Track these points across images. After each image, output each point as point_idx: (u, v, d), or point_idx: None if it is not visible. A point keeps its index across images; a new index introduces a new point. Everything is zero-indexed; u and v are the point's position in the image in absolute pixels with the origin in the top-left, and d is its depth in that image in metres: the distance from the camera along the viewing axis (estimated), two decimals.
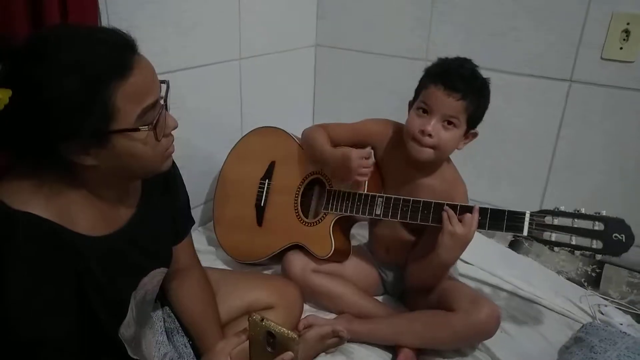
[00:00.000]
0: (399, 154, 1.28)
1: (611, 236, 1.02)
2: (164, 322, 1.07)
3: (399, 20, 1.83)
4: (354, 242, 1.49)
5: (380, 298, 1.42)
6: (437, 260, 1.17)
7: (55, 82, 0.69)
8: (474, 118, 1.19)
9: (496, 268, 1.52)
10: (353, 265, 1.39)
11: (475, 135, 1.23)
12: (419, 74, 1.85)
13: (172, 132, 0.84)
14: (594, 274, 1.55)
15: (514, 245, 1.69)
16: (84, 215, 0.79)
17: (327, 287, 1.33)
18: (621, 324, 1.29)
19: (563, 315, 1.36)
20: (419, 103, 1.19)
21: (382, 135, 1.34)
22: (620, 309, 1.38)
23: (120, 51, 0.74)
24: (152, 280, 0.95)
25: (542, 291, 1.43)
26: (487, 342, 1.23)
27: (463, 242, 1.13)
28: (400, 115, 1.30)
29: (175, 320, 1.08)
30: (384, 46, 1.89)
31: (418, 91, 1.23)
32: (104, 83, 0.71)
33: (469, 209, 1.13)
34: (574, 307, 1.39)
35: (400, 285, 1.41)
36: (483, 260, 1.55)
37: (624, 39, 1.44)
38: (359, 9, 1.91)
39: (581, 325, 1.29)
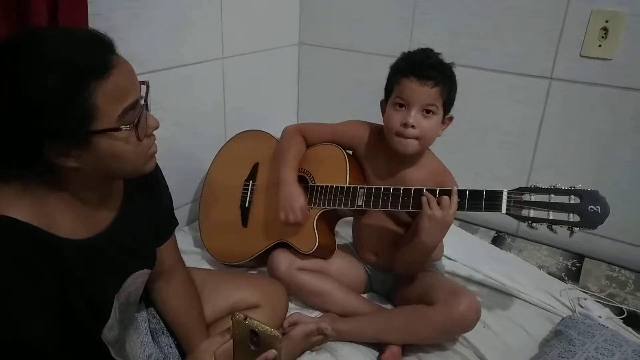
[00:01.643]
0: (381, 152, 1.31)
1: (587, 208, 1.04)
2: (149, 323, 1.07)
3: (382, 19, 1.83)
4: (339, 240, 1.50)
5: (366, 295, 1.43)
6: (419, 245, 1.18)
7: (35, 80, 0.69)
8: (448, 102, 1.23)
9: (479, 264, 1.54)
10: (338, 263, 1.40)
11: (451, 119, 1.26)
12: None
13: (155, 133, 0.84)
14: (573, 268, 1.58)
15: (496, 241, 1.71)
16: (66, 218, 0.79)
17: (312, 284, 1.34)
18: (600, 317, 1.32)
19: (544, 309, 1.38)
20: (395, 99, 1.22)
21: (361, 137, 1.36)
22: (599, 302, 1.41)
23: (99, 51, 0.73)
24: (136, 281, 0.95)
25: (523, 286, 1.45)
26: (469, 337, 1.25)
27: (443, 225, 1.14)
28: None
29: (160, 321, 1.08)
30: (367, 45, 1.89)
31: (389, 89, 1.26)
32: (84, 82, 0.70)
33: (448, 192, 1.14)
34: (554, 301, 1.41)
35: (387, 283, 1.42)
36: (466, 257, 1.57)
37: (603, 37, 1.46)
38: (342, 7, 1.91)
39: (561, 318, 1.32)
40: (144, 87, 0.81)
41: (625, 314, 1.36)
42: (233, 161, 1.57)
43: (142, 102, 0.79)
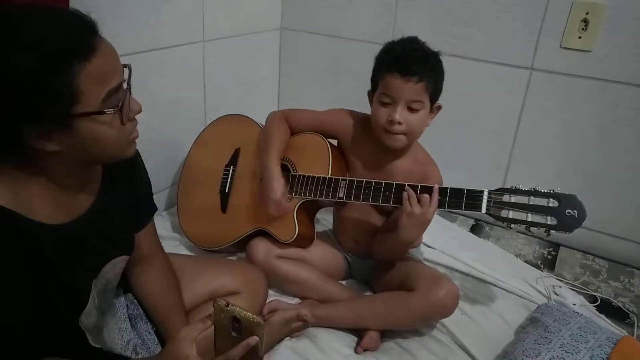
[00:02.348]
0: (368, 142, 1.29)
1: (564, 212, 1.05)
2: (127, 309, 1.06)
3: (365, 5, 1.82)
4: (319, 227, 1.49)
5: (345, 282, 1.43)
6: (398, 239, 1.19)
7: (15, 61, 0.67)
8: (435, 93, 1.20)
9: (458, 252, 1.56)
10: (317, 250, 1.40)
11: (439, 108, 1.24)
12: None
13: (136, 117, 0.82)
14: (549, 257, 1.61)
15: (475, 230, 1.73)
16: (42, 203, 0.77)
17: (291, 272, 1.33)
18: (574, 305, 1.35)
19: (520, 296, 1.41)
20: (380, 95, 1.20)
21: (346, 126, 1.34)
22: (573, 289, 1.44)
23: (82, 32, 0.71)
24: (114, 268, 0.93)
25: (500, 274, 1.48)
26: (447, 323, 1.26)
27: (422, 222, 1.15)
28: (365, 99, 1.30)
29: (139, 307, 1.07)
30: (350, 30, 1.88)
31: (375, 81, 1.24)
32: (67, 64, 0.69)
33: (429, 189, 1.15)
34: (530, 289, 1.44)
35: (366, 269, 1.42)
36: (445, 244, 1.58)
37: (583, 29, 1.48)
38: None
39: (537, 305, 1.35)
40: (126, 70, 0.79)
41: (599, 302, 1.40)
42: (213, 145, 1.55)
43: (125, 85, 0.78)
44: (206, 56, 1.71)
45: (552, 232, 1.06)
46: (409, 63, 1.15)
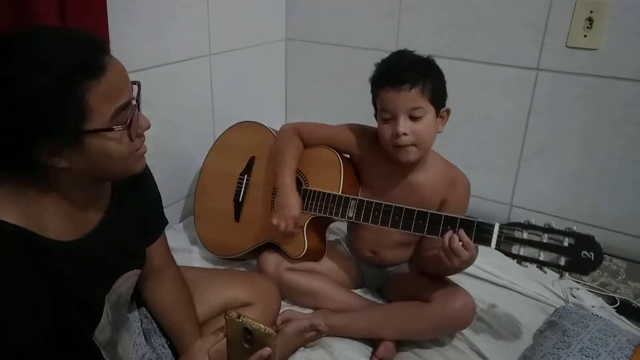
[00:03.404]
0: (380, 158, 1.27)
1: (580, 254, 0.98)
2: (141, 323, 1.06)
3: (369, 13, 1.83)
4: (330, 236, 1.49)
5: (358, 291, 1.42)
6: (449, 272, 1.21)
7: (28, 80, 0.68)
8: (437, 97, 1.17)
9: None
10: (328, 260, 1.39)
11: (448, 112, 1.22)
12: None
13: (145, 133, 0.84)
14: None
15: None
16: (54, 219, 0.78)
17: (302, 284, 1.33)
18: (593, 307, 1.33)
19: (537, 300, 1.39)
20: (381, 112, 1.19)
21: (359, 142, 1.32)
22: (591, 291, 1.42)
23: (92, 51, 0.73)
24: (126, 282, 0.94)
25: (516, 277, 1.46)
26: (464, 330, 1.24)
27: (467, 263, 1.11)
28: (372, 107, 1.30)
29: (152, 320, 1.07)
30: (354, 39, 1.89)
31: (374, 101, 1.24)
32: (77, 82, 0.70)
33: (438, 218, 1.10)
34: (547, 292, 1.42)
35: (379, 278, 1.41)
36: None
37: (588, 27, 1.47)
38: (328, 2, 1.90)
39: (554, 309, 1.32)
40: (135, 87, 0.81)
41: (618, 303, 1.37)
42: (230, 152, 1.55)
43: (134, 102, 0.79)
44: (213, 69, 1.73)
45: (566, 274, 1.02)
46: (397, 73, 1.14)
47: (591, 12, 1.45)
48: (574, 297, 1.39)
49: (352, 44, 1.89)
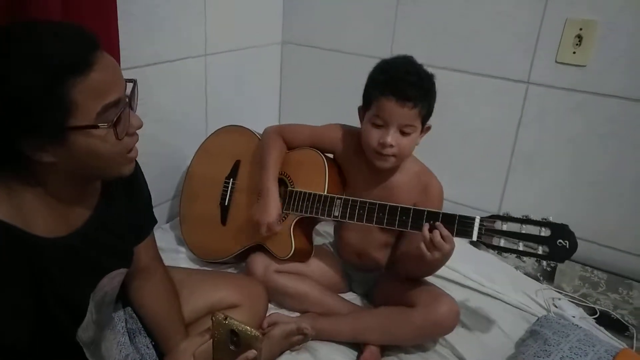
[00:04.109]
0: (363, 158, 1.29)
1: (556, 242, 1.04)
2: (126, 322, 1.05)
3: (364, 20, 1.84)
4: (318, 240, 1.50)
5: (345, 295, 1.43)
6: (424, 272, 1.24)
7: (13, 75, 0.68)
8: (427, 116, 1.20)
9: (457, 264, 1.55)
10: (317, 264, 1.40)
11: (429, 128, 1.24)
12: None
13: (139, 131, 0.83)
14: (549, 269, 1.59)
15: (474, 242, 1.73)
16: (40, 215, 0.77)
17: (290, 286, 1.34)
18: (573, 317, 1.35)
19: (520, 309, 1.41)
20: (373, 117, 1.19)
21: (342, 142, 1.35)
22: (572, 302, 1.45)
23: (80, 47, 0.72)
24: (112, 281, 0.93)
25: (500, 286, 1.48)
26: (447, 336, 1.26)
27: (445, 257, 1.13)
28: None
29: (138, 321, 1.06)
30: (350, 44, 1.90)
31: (367, 99, 1.22)
32: (63, 78, 0.69)
33: (421, 213, 1.14)
34: (530, 301, 1.44)
35: (366, 283, 1.42)
36: None
37: (577, 44, 1.50)
38: (325, 7, 1.92)
39: (536, 318, 1.35)
40: (129, 85, 0.80)
41: (598, 314, 1.40)
42: (215, 156, 1.56)
43: (127, 100, 0.78)
44: (208, 70, 1.73)
45: (543, 262, 1.05)
46: (405, 88, 1.14)
47: (580, 29, 1.48)
48: (556, 307, 1.41)
49: (348, 50, 1.91)
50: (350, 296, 1.44)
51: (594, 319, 1.38)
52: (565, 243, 1.03)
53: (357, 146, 1.30)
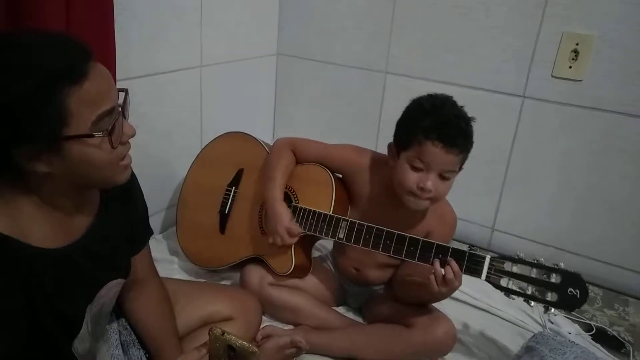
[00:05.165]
0: (376, 183, 1.26)
1: (566, 290, 1.01)
2: (120, 334, 1.03)
3: (360, 33, 1.85)
4: (315, 252, 1.48)
5: (339, 309, 1.42)
6: (427, 300, 1.20)
7: (7, 84, 0.67)
8: (465, 160, 1.16)
9: None
10: (312, 277, 1.39)
11: (462, 168, 1.19)
12: (379, 85, 1.89)
13: (130, 140, 0.83)
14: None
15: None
16: (37, 226, 0.77)
17: (285, 300, 1.32)
18: (569, 333, 1.35)
19: (515, 324, 1.40)
20: (414, 159, 1.12)
21: (354, 164, 1.31)
22: (568, 318, 1.44)
23: (75, 57, 0.72)
24: (109, 292, 0.92)
25: (496, 301, 1.47)
26: None
27: (450, 293, 1.11)
28: (358, 125, 1.31)
29: (132, 333, 1.05)
30: (345, 57, 1.91)
31: (407, 141, 1.14)
32: (57, 88, 0.69)
33: (430, 246, 1.11)
34: (525, 317, 1.43)
35: (362, 297, 1.41)
36: None
37: (573, 59, 1.51)
38: (321, 19, 1.93)
39: (532, 334, 1.34)
40: (122, 94, 0.80)
41: (594, 330, 1.39)
42: (216, 162, 1.53)
43: (120, 109, 0.78)
44: (203, 81, 1.72)
45: (552, 309, 1.02)
46: (454, 135, 1.09)
47: (577, 44, 1.49)
48: (552, 323, 1.41)
49: (343, 63, 1.92)
50: (344, 309, 1.43)
51: (590, 335, 1.37)
52: (577, 292, 1.00)
53: (372, 171, 1.27)
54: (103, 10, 1.17)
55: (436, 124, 1.09)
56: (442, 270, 1.07)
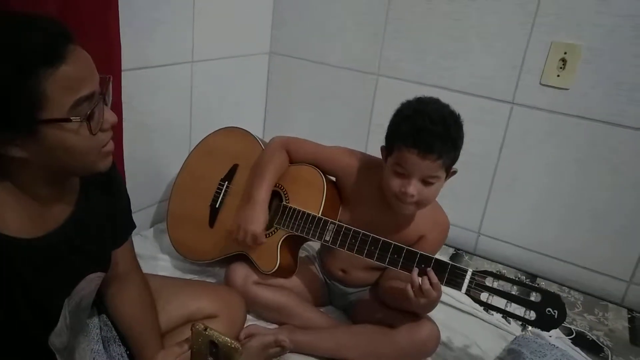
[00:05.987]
0: (370, 186, 1.26)
1: (545, 310, 1.01)
2: (101, 330, 1.02)
3: (353, 34, 1.86)
4: (302, 252, 1.48)
5: (324, 309, 1.42)
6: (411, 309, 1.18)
7: None
8: (452, 164, 1.15)
9: None
10: (298, 276, 1.39)
11: (454, 172, 1.19)
12: (371, 87, 1.89)
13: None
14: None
15: (454, 259, 1.75)
16: (14, 214, 0.75)
17: (269, 299, 1.32)
18: (550, 336, 1.36)
19: (498, 327, 1.42)
20: (395, 166, 1.13)
21: (348, 168, 1.31)
22: None
23: (53, 40, 0.70)
24: (89, 285, 0.91)
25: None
26: None
27: (432, 304, 1.12)
28: (350, 126, 1.31)
29: (113, 329, 1.04)
30: (337, 58, 1.91)
31: (390, 144, 1.16)
32: (33, 69, 0.68)
33: (413, 255, 1.11)
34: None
35: (347, 298, 1.42)
36: None
37: (561, 67, 1.53)
38: (314, 19, 1.93)
39: (514, 337, 1.35)
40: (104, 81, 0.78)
41: (574, 334, 1.41)
42: (213, 155, 1.53)
43: (101, 95, 0.76)
44: (194, 77, 1.72)
45: (529, 327, 1.03)
46: (429, 141, 1.07)
47: (565, 53, 1.51)
48: (530, 333, 1.42)
49: (335, 64, 1.92)
50: (328, 309, 1.43)
51: (570, 339, 1.39)
52: (555, 313, 1.00)
53: (365, 174, 1.27)
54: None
55: (411, 131, 1.09)
56: (419, 279, 1.07)
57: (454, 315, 1.45)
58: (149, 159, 1.63)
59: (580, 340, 1.39)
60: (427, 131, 1.07)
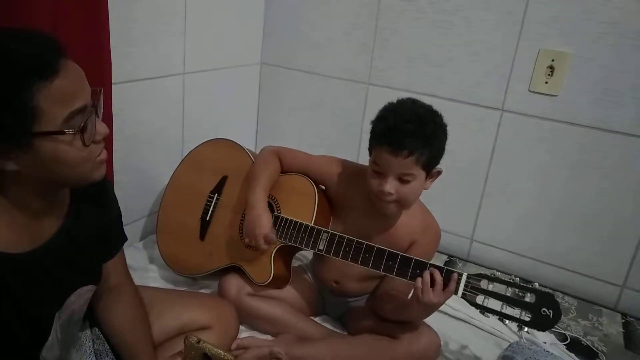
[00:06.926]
0: (359, 194, 1.26)
1: (540, 310, 1.02)
2: (93, 343, 1.02)
3: (344, 44, 1.87)
4: (294, 262, 1.48)
5: (318, 319, 1.41)
6: (405, 316, 1.18)
7: None
8: (431, 162, 1.15)
9: None
10: (291, 287, 1.38)
11: (439, 172, 1.20)
12: (362, 96, 1.91)
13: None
14: (527, 334, 1.61)
15: (448, 266, 1.74)
16: (4, 229, 0.75)
17: (263, 310, 1.31)
18: (545, 343, 1.36)
19: (492, 334, 1.42)
20: (373, 165, 1.16)
21: (338, 177, 1.32)
22: None
23: (46, 54, 0.71)
24: (80, 299, 0.90)
25: (473, 311, 1.46)
26: None
27: (433, 309, 1.12)
28: (341, 136, 1.32)
29: (105, 342, 1.03)
30: (328, 68, 1.92)
31: (370, 147, 1.19)
32: (26, 84, 0.68)
33: (406, 261, 1.12)
34: (502, 326, 1.44)
35: (341, 307, 1.41)
36: None
37: (549, 74, 1.55)
38: (305, 30, 1.94)
39: (508, 344, 1.35)
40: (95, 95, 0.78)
41: (568, 340, 1.41)
42: (201, 167, 1.52)
43: (92, 108, 0.77)
44: (186, 88, 1.72)
45: (525, 328, 1.03)
46: (400, 137, 1.09)
47: (553, 60, 1.53)
48: (528, 332, 1.42)
49: (326, 73, 1.93)
50: (322, 319, 1.42)
51: (565, 345, 1.39)
52: (549, 312, 1.01)
53: (356, 181, 1.27)
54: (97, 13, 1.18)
55: (384, 129, 1.13)
56: (428, 276, 1.07)
57: (448, 323, 1.44)
58: (141, 171, 1.63)
59: (575, 346, 1.40)
60: (398, 129, 1.10)
